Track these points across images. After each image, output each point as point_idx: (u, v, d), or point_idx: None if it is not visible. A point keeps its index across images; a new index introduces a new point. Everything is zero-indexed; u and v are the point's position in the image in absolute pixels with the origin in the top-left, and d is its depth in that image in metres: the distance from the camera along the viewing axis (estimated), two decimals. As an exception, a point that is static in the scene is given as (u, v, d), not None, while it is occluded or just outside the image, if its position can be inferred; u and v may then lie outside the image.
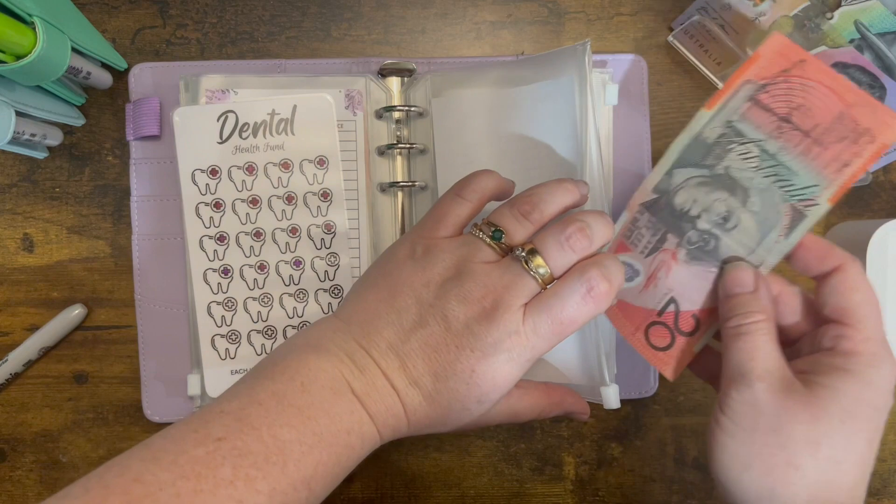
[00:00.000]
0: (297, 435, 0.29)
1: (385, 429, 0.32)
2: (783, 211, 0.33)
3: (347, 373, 0.31)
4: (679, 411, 0.47)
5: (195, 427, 0.29)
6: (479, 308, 0.31)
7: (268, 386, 0.30)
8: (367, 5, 0.47)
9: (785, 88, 0.33)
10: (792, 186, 0.33)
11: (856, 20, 0.43)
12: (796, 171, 0.33)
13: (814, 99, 0.33)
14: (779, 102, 0.33)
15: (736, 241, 0.34)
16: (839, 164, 0.32)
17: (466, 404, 0.32)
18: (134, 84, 0.45)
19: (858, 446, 0.29)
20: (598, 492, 0.47)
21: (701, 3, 0.44)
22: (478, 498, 0.47)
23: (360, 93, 0.45)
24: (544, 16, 0.47)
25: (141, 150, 0.45)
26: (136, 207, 0.45)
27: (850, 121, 0.32)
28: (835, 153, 0.32)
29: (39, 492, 0.45)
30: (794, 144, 0.33)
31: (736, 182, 0.34)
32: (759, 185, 0.33)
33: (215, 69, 0.45)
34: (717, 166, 0.34)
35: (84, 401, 0.46)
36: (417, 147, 0.44)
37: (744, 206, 0.34)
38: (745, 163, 0.34)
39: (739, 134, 0.34)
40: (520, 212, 0.34)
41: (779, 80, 0.33)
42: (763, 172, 0.33)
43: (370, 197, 0.45)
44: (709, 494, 0.47)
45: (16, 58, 0.36)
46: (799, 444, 0.29)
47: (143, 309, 0.45)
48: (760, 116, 0.33)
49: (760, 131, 0.33)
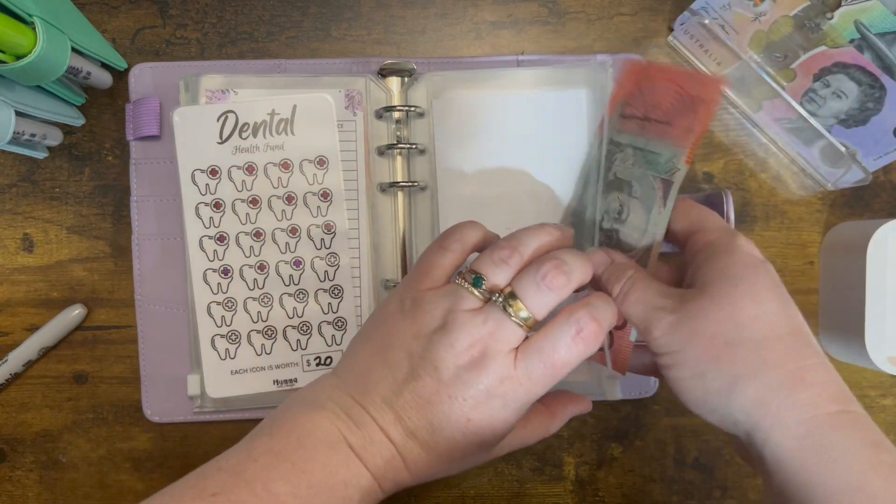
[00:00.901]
0: (290, 488, 0.29)
1: (385, 481, 0.32)
2: (656, 186, 0.39)
3: (344, 427, 0.32)
4: (679, 411, 0.47)
5: (192, 484, 0.30)
6: (468, 357, 0.32)
7: (265, 443, 0.31)
8: (367, 5, 0.47)
9: (639, 96, 0.40)
10: (659, 165, 0.39)
11: (856, 20, 0.43)
12: (659, 152, 0.39)
13: (659, 93, 0.40)
14: (638, 108, 0.40)
15: (631, 228, 0.40)
16: (684, 130, 0.38)
17: (467, 452, 0.33)
18: (134, 84, 0.45)
19: (764, 296, 0.31)
20: (598, 492, 0.47)
21: (701, 3, 0.44)
22: (478, 498, 0.47)
23: (360, 93, 0.45)
24: (544, 16, 0.47)
25: (141, 150, 0.45)
26: (136, 207, 0.45)
27: (685, 96, 0.39)
28: (681, 125, 0.38)
29: (39, 492, 0.45)
30: (655, 134, 0.40)
31: (622, 181, 0.40)
32: (636, 175, 0.40)
33: (215, 69, 0.45)
34: (608, 175, 0.41)
35: (84, 401, 0.46)
36: (417, 147, 0.44)
37: (630, 196, 0.40)
38: (625, 163, 0.40)
39: (618, 144, 0.41)
40: (499, 256, 0.33)
41: (635, 92, 0.40)
42: (638, 164, 0.40)
43: (370, 197, 0.45)
44: (708, 494, 0.47)
45: (16, 58, 0.36)
46: (721, 324, 0.31)
47: (143, 309, 0.45)
48: (629, 125, 0.41)
49: (631, 135, 0.41)
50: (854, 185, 0.46)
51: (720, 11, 0.45)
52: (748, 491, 0.47)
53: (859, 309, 0.43)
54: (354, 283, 0.44)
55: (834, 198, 0.48)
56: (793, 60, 0.45)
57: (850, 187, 0.47)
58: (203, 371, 0.43)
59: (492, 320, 0.32)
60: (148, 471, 0.46)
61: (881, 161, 0.45)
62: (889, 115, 0.44)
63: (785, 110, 0.44)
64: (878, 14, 0.43)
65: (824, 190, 0.48)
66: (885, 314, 0.43)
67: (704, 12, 0.45)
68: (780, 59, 0.45)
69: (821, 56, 0.44)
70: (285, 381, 0.43)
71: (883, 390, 0.48)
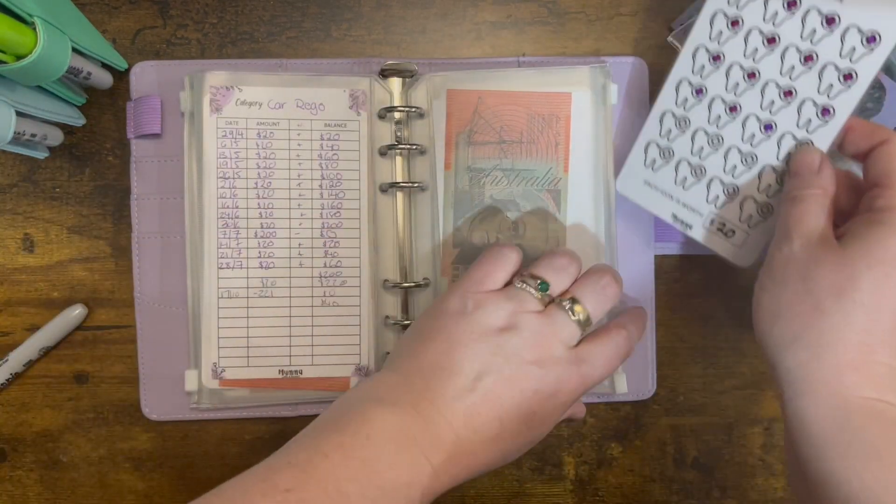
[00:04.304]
0: (360, 489, 0.30)
1: (445, 477, 0.33)
2: (544, 198, 0.43)
3: (413, 424, 0.32)
4: (679, 411, 0.47)
5: (263, 476, 0.30)
6: (535, 355, 0.34)
7: (334, 438, 0.31)
8: (367, 5, 0.47)
9: (483, 124, 0.43)
10: (537, 179, 0.43)
11: (856, 20, 0.43)
12: (532, 168, 0.43)
13: (507, 117, 0.43)
14: (489, 134, 0.43)
15: (531, 240, 0.43)
16: (552, 145, 0.42)
17: (523, 443, 0.35)
18: (135, 82, 0.45)
19: (888, 290, 0.30)
20: (598, 492, 0.47)
21: (701, 3, 0.44)
22: (478, 498, 0.47)
23: (365, 93, 0.45)
24: (544, 16, 0.47)
25: (142, 149, 0.45)
26: (136, 206, 0.45)
27: (536, 116, 0.42)
28: (544, 141, 0.42)
29: (39, 491, 0.45)
30: (519, 153, 0.43)
31: (503, 202, 0.43)
32: (518, 193, 0.43)
33: (218, 67, 0.45)
34: (484, 200, 0.43)
35: (84, 401, 0.46)
36: (418, 148, 0.44)
37: (520, 212, 0.43)
38: (499, 185, 0.43)
39: (481, 170, 0.43)
40: (559, 264, 0.37)
41: (475, 119, 0.43)
42: (515, 183, 0.43)
43: (371, 197, 0.45)
44: (708, 494, 0.47)
45: (16, 58, 0.36)
46: (824, 290, 0.30)
47: (143, 307, 0.45)
48: (484, 150, 0.43)
49: (492, 160, 0.43)
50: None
51: (720, 11, 0.45)
52: (748, 491, 0.47)
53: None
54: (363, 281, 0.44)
55: (834, 198, 0.48)
56: (793, 60, 0.45)
57: (850, 187, 0.47)
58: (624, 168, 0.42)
59: (558, 321, 0.35)
60: (148, 470, 0.46)
61: (881, 161, 0.45)
62: (889, 116, 0.44)
63: (785, 110, 0.44)
64: (880, 14, 0.42)
65: (824, 190, 0.48)
66: None
67: (705, 12, 0.44)
68: (781, 59, 0.45)
69: (821, 56, 0.44)
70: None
71: (883, 390, 0.48)
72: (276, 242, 0.44)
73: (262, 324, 0.44)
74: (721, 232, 0.38)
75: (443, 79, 0.44)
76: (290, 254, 0.44)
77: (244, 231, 0.44)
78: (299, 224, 0.44)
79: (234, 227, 0.43)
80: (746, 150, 0.36)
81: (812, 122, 0.34)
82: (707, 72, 0.37)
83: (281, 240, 0.44)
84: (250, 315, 0.43)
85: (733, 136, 0.36)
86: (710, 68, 0.37)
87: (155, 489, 0.46)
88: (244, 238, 0.44)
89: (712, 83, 0.37)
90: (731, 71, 0.36)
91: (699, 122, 0.37)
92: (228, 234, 0.43)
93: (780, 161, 0.36)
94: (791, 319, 0.31)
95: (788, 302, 0.32)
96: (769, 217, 0.37)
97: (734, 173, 0.37)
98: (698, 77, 0.37)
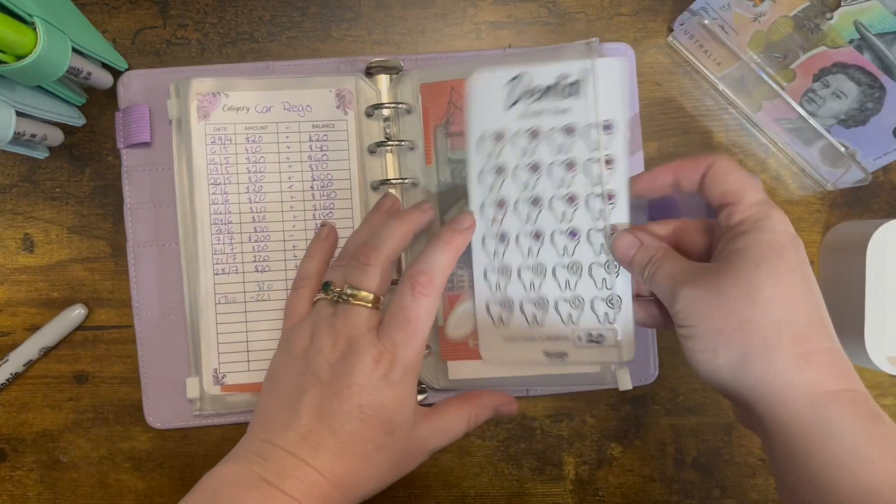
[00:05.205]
0: None
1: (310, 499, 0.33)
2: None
3: (256, 467, 0.33)
4: (679, 411, 0.47)
5: None
6: (338, 353, 0.35)
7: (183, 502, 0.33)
8: (367, 5, 0.47)
9: (458, 114, 0.42)
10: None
11: (855, 20, 0.43)
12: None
13: None
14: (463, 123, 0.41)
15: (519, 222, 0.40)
16: None
17: (378, 440, 0.34)
18: (123, 92, 0.45)
19: (785, 279, 0.31)
20: (598, 492, 0.47)
21: (701, 3, 0.44)
22: (478, 498, 0.47)
23: (351, 92, 0.45)
24: (544, 16, 0.47)
25: (133, 158, 0.45)
26: (130, 215, 0.45)
27: None
28: None
29: (40, 491, 0.45)
30: None
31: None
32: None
33: (203, 73, 0.45)
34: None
35: (84, 401, 0.46)
36: (406, 144, 0.44)
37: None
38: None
39: (461, 161, 0.42)
40: (337, 263, 0.39)
41: (451, 110, 0.42)
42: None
43: (363, 196, 0.45)
44: (708, 494, 0.47)
45: (16, 58, 0.36)
46: (738, 303, 0.31)
47: (141, 315, 0.45)
48: (461, 141, 0.42)
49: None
50: (854, 185, 0.46)
51: (720, 12, 0.45)
52: (748, 491, 0.47)
53: (859, 309, 0.43)
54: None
55: (833, 198, 0.48)
56: (792, 61, 0.45)
57: (849, 187, 0.47)
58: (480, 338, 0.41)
59: (342, 312, 0.36)
60: (148, 470, 0.46)
61: (881, 161, 0.45)
62: (889, 116, 0.44)
63: (784, 110, 0.44)
64: (878, 14, 0.43)
65: (824, 190, 0.48)
66: (884, 314, 0.43)
67: (704, 12, 0.45)
68: (780, 59, 0.45)
69: (820, 56, 0.44)
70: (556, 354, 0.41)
71: (882, 390, 0.48)
72: (270, 245, 0.44)
73: (261, 327, 0.44)
74: (593, 342, 0.39)
75: (428, 74, 0.44)
76: (284, 256, 0.44)
77: (238, 236, 0.44)
78: (293, 226, 0.44)
79: (227, 232, 0.43)
80: (567, 261, 0.38)
81: (604, 210, 0.37)
82: (499, 218, 0.39)
83: (275, 242, 0.44)
84: (248, 319, 0.44)
85: (550, 257, 0.39)
86: (500, 214, 0.39)
87: (155, 489, 0.46)
88: (238, 243, 0.44)
89: (508, 225, 0.39)
90: (517, 206, 0.39)
91: (516, 261, 0.39)
92: (222, 240, 0.43)
93: (601, 254, 0.38)
94: (728, 346, 0.31)
95: (713, 333, 0.32)
96: (622, 304, 0.38)
97: (571, 286, 0.39)
98: (497, 226, 0.39)
